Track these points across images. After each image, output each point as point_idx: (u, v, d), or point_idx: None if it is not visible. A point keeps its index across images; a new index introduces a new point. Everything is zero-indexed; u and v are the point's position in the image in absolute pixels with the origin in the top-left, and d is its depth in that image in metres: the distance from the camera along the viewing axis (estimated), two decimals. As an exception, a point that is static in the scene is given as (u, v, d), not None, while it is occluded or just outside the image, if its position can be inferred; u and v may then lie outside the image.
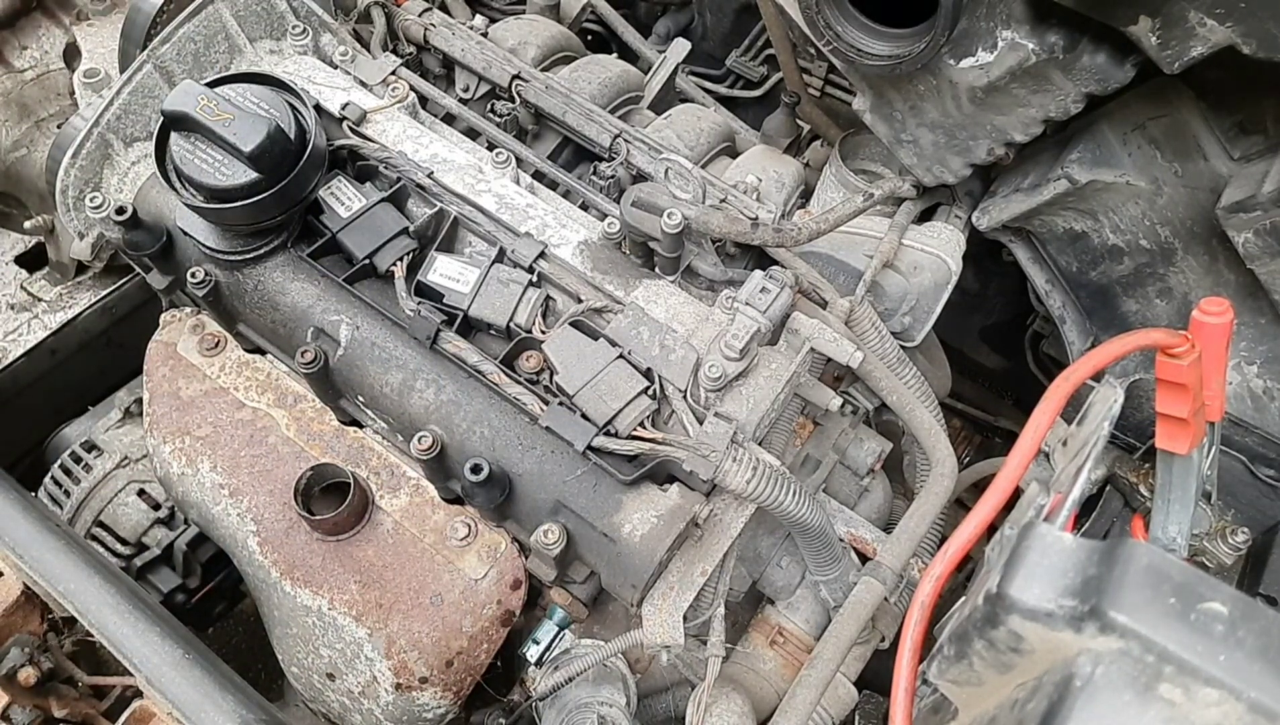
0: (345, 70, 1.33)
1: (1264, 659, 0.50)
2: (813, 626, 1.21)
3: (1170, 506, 1.02)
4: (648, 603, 1.01)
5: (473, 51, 1.40)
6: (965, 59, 1.11)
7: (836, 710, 1.17)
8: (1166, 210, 1.21)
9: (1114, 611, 0.51)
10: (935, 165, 1.28)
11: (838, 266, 1.28)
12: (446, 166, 1.21)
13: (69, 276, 1.39)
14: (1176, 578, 0.52)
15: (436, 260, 1.11)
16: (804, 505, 1.01)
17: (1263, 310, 1.18)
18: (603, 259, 1.16)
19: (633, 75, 1.57)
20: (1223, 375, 0.94)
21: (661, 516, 1.00)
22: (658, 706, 1.17)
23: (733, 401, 1.03)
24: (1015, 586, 0.55)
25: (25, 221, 1.38)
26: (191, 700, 0.72)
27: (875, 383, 1.18)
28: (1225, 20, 0.92)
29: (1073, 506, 0.77)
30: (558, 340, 1.05)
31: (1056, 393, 0.81)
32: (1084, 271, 1.32)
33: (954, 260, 1.28)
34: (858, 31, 1.11)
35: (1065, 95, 1.11)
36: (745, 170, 1.39)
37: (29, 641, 0.98)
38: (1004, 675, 0.60)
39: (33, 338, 1.31)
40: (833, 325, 1.13)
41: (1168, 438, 0.95)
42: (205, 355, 1.24)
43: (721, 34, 2.11)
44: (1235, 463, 1.16)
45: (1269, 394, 1.19)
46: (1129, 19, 0.97)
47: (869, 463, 1.25)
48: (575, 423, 0.99)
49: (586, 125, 1.34)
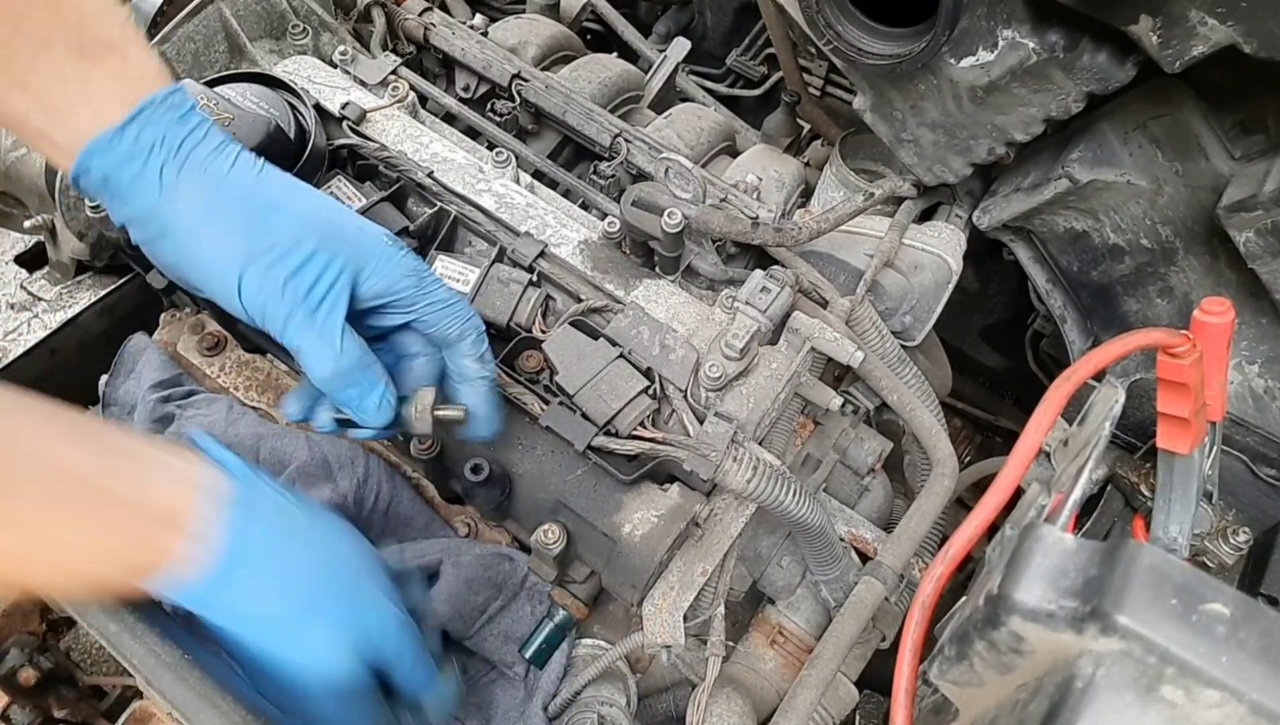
0: (345, 69, 1.33)
1: (1266, 660, 0.49)
2: (813, 626, 1.21)
3: (1171, 506, 1.02)
4: (648, 602, 1.01)
5: (473, 51, 1.40)
6: (966, 58, 1.11)
7: (837, 710, 1.17)
8: (1167, 209, 1.21)
9: (1115, 613, 0.51)
10: (936, 164, 1.28)
11: (838, 266, 1.28)
12: (446, 166, 1.21)
13: (69, 276, 1.39)
14: (1178, 579, 0.52)
15: (437, 260, 1.11)
16: (804, 505, 1.01)
17: (1264, 310, 1.18)
18: (603, 258, 1.15)
19: (633, 74, 1.57)
20: (1224, 375, 0.94)
21: (662, 516, 1.00)
22: (658, 706, 1.17)
23: (733, 401, 1.03)
24: (1016, 588, 0.55)
25: (25, 221, 1.38)
26: (191, 701, 0.72)
27: (876, 382, 1.18)
28: (1227, 19, 0.92)
29: (1074, 507, 0.77)
30: (558, 340, 1.05)
31: (1057, 392, 0.81)
32: (1085, 271, 1.32)
33: (955, 259, 1.28)
34: (858, 30, 1.11)
35: (1066, 94, 1.11)
36: (746, 169, 1.39)
37: (28, 642, 0.98)
38: (1005, 676, 0.60)
39: (33, 337, 1.31)
40: (833, 325, 1.13)
41: (1169, 437, 0.95)
42: (205, 355, 1.24)
43: (722, 33, 2.11)
44: (1236, 462, 1.16)
45: (1270, 393, 1.19)
46: (1130, 18, 0.97)
47: (869, 462, 1.25)
48: (575, 422, 0.99)
49: (586, 124, 1.34)
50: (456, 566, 1.05)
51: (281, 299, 0.83)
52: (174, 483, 0.75)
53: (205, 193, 0.83)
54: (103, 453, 0.73)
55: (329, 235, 0.86)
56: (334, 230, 0.87)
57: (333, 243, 0.86)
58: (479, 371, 0.96)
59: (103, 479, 0.72)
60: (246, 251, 0.83)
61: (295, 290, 0.84)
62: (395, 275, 0.89)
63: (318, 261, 0.85)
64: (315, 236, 0.85)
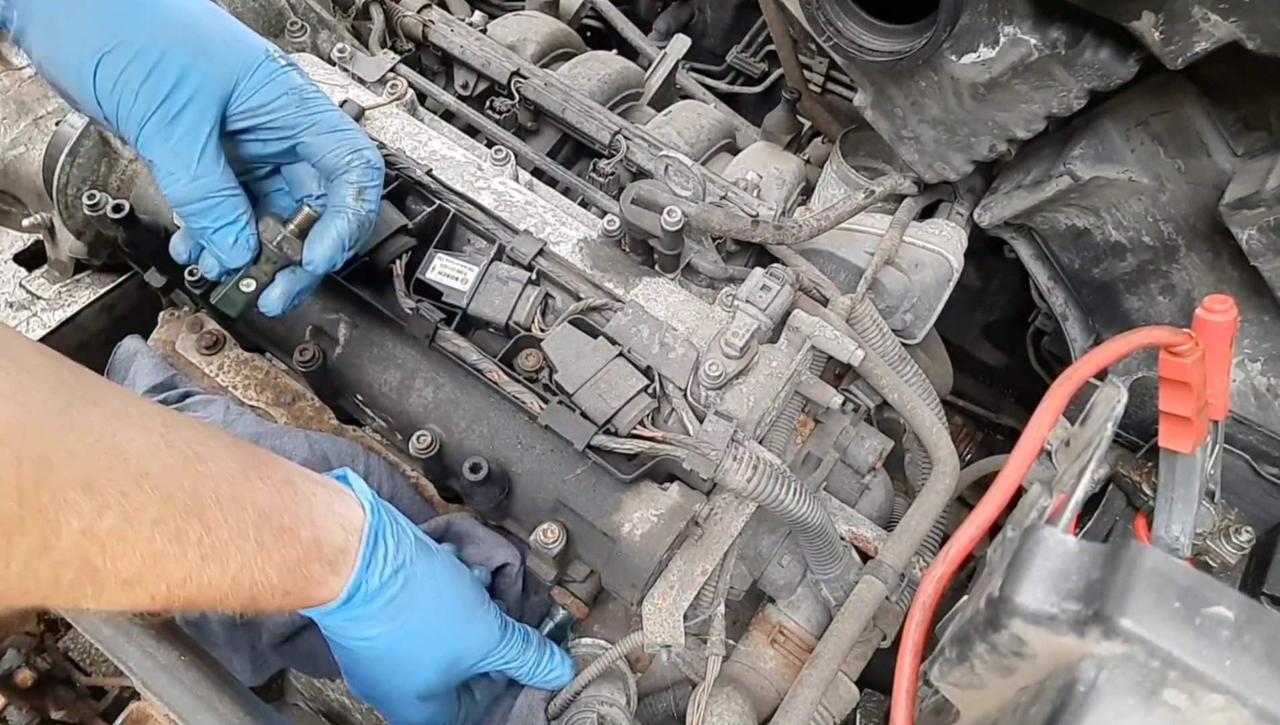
0: (343, 67, 1.32)
1: (1270, 664, 0.49)
2: (814, 625, 1.21)
3: (1173, 506, 1.02)
4: (648, 602, 1.01)
5: (471, 48, 1.40)
6: (967, 55, 1.10)
7: (838, 709, 1.17)
8: (1169, 207, 1.20)
9: (1118, 616, 0.51)
10: (937, 161, 1.27)
11: (839, 263, 1.28)
12: (445, 163, 1.20)
13: (68, 274, 1.38)
14: (1181, 582, 0.52)
15: (435, 258, 1.11)
16: (805, 503, 1.01)
17: (1266, 307, 1.18)
18: (602, 256, 1.15)
19: (632, 72, 1.56)
20: (1226, 373, 0.93)
21: (661, 515, 1.00)
22: (658, 705, 1.17)
23: (733, 400, 1.02)
24: (1018, 590, 0.55)
25: (23, 220, 1.38)
26: (188, 703, 0.71)
27: (876, 380, 1.18)
28: (1229, 15, 0.92)
29: (1076, 508, 0.77)
30: (557, 338, 1.04)
31: (1059, 391, 0.80)
32: (1086, 268, 1.31)
33: (956, 257, 1.27)
34: (858, 27, 1.10)
35: (1068, 91, 1.10)
36: (746, 167, 1.39)
37: (26, 643, 0.97)
38: (1006, 679, 0.59)
39: (32, 336, 1.30)
40: (834, 323, 1.12)
41: (1171, 436, 0.95)
42: (204, 353, 1.24)
43: (722, 30, 2.10)
44: (1239, 461, 1.15)
45: (1272, 391, 1.19)
46: (1132, 14, 0.96)
47: (870, 461, 1.24)
48: (575, 421, 0.99)
49: (586, 122, 1.33)
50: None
51: (135, 102, 0.79)
52: (341, 530, 0.80)
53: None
54: (281, 490, 0.77)
55: (192, 37, 0.81)
56: (199, 33, 0.82)
57: (194, 45, 0.80)
58: (352, 205, 0.89)
59: (286, 519, 0.75)
60: (99, 42, 0.78)
61: (150, 94, 0.79)
62: (272, 93, 0.84)
63: (174, 63, 0.79)
64: (174, 33, 0.80)
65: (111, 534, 0.64)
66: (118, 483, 0.64)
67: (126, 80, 0.78)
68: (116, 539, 0.64)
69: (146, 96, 0.79)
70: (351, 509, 0.83)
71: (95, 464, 0.64)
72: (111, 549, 0.64)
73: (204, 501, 0.69)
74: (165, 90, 0.79)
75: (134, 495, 0.65)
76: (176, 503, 0.68)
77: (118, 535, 0.64)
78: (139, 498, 0.65)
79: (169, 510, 0.67)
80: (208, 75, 0.80)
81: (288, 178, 0.93)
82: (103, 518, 0.63)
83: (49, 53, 0.81)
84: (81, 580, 0.64)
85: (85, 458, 0.63)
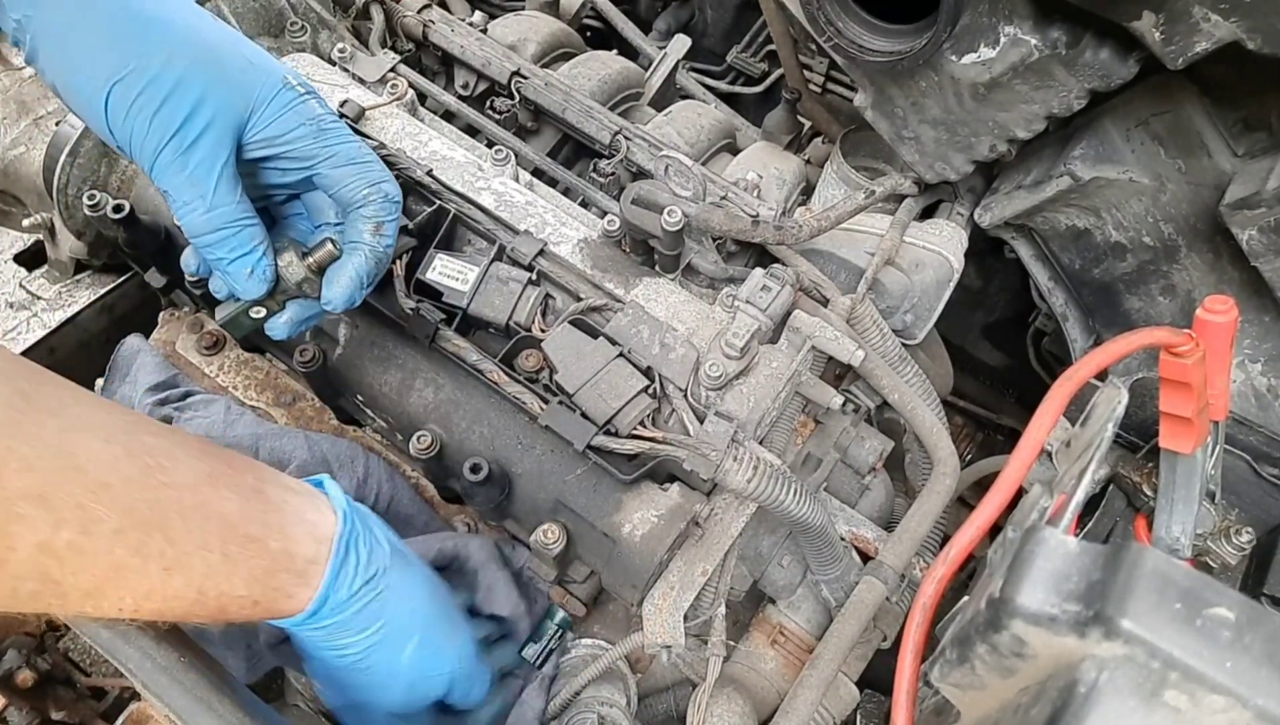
0: (343, 67, 1.32)
1: (1271, 665, 0.49)
2: (814, 626, 1.20)
3: (1174, 506, 1.02)
4: (648, 602, 1.01)
5: (472, 48, 1.40)
6: (967, 55, 1.10)
7: (838, 710, 1.17)
8: (1170, 207, 1.20)
9: (1119, 617, 0.51)
10: (937, 162, 1.27)
11: (839, 264, 1.27)
12: (445, 164, 1.20)
13: (68, 275, 1.38)
14: (1182, 583, 0.52)
15: (436, 258, 1.11)
16: (805, 504, 1.01)
17: (1267, 308, 1.17)
18: (602, 257, 1.15)
19: (633, 72, 1.56)
20: (1227, 374, 0.93)
21: (662, 516, 1.00)
22: (658, 706, 1.17)
23: (733, 400, 1.02)
24: (1018, 591, 0.55)
25: (24, 220, 1.38)
26: (188, 704, 0.71)
27: (877, 381, 1.18)
28: (1230, 15, 0.91)
29: (1076, 509, 0.77)
30: (557, 339, 1.04)
31: (1059, 392, 0.80)
32: (1087, 269, 1.31)
33: (956, 257, 1.27)
34: (859, 27, 1.10)
35: (1068, 91, 1.10)
36: (746, 167, 1.39)
37: (26, 643, 0.97)
38: (1007, 680, 0.59)
39: (32, 336, 1.31)
40: (834, 323, 1.12)
41: (1171, 437, 0.95)
42: (204, 354, 1.24)
43: (722, 30, 2.10)
44: (1239, 462, 1.15)
45: (1273, 392, 1.19)
46: (1133, 14, 0.96)
47: (870, 461, 1.24)
48: (575, 422, 0.99)
49: (586, 122, 1.33)
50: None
51: (149, 130, 0.76)
52: (312, 539, 0.79)
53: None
54: (249, 499, 0.75)
55: (207, 63, 0.78)
56: (215, 58, 0.79)
57: (210, 71, 0.78)
58: (369, 240, 0.87)
59: (254, 529, 0.74)
60: (111, 68, 0.75)
61: (165, 123, 0.76)
62: (290, 123, 0.81)
63: (191, 90, 0.76)
64: (189, 59, 0.77)
65: (69, 548, 0.63)
66: (74, 495, 0.63)
67: (140, 108, 0.76)
68: (74, 553, 0.63)
69: (160, 125, 0.76)
70: (324, 517, 0.81)
71: (50, 477, 0.62)
72: (70, 562, 0.63)
73: (166, 513, 0.68)
74: (180, 119, 0.77)
75: (91, 507, 0.63)
76: (137, 515, 0.66)
77: (75, 549, 0.63)
78: (97, 510, 0.64)
79: (129, 522, 0.65)
80: (223, 103, 0.78)
81: (306, 204, 0.91)
82: (59, 531, 0.62)
83: (61, 79, 0.78)
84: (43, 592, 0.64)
85: (40, 470, 0.62)
